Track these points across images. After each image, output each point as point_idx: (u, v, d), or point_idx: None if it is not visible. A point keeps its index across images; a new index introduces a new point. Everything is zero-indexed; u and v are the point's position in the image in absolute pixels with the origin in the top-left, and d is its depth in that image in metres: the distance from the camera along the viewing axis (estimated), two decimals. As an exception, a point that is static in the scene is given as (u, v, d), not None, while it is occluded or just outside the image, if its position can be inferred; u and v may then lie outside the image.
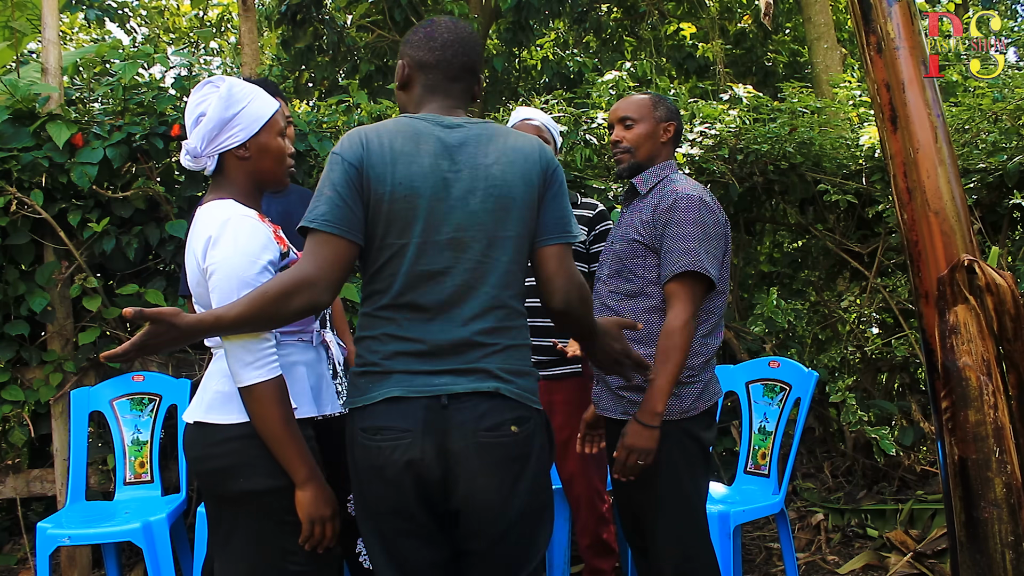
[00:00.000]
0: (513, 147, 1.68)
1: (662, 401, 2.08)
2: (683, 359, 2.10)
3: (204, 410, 1.73)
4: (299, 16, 7.56)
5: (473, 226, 1.62)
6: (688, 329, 2.10)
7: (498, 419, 1.60)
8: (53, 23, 3.25)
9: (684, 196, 2.17)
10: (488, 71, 8.40)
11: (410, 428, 1.57)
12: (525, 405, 1.65)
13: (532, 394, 1.68)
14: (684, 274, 2.12)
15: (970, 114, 3.56)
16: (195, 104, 1.75)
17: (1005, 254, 3.53)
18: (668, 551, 2.19)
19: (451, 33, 1.73)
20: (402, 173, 1.60)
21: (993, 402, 2.19)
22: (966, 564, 2.23)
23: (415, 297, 1.61)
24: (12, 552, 3.52)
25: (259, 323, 1.57)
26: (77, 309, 3.30)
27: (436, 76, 1.73)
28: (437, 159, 1.62)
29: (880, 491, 3.81)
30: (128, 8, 8.57)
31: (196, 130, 1.74)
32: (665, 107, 2.34)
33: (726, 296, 2.27)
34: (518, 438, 1.62)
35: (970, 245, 2.29)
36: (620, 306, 2.25)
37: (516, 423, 1.62)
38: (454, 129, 1.67)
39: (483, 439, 1.59)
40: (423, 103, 1.73)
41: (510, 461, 1.62)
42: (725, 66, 8.25)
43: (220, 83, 1.78)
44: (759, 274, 4.32)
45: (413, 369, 1.60)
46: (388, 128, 1.66)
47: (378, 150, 1.61)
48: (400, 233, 1.60)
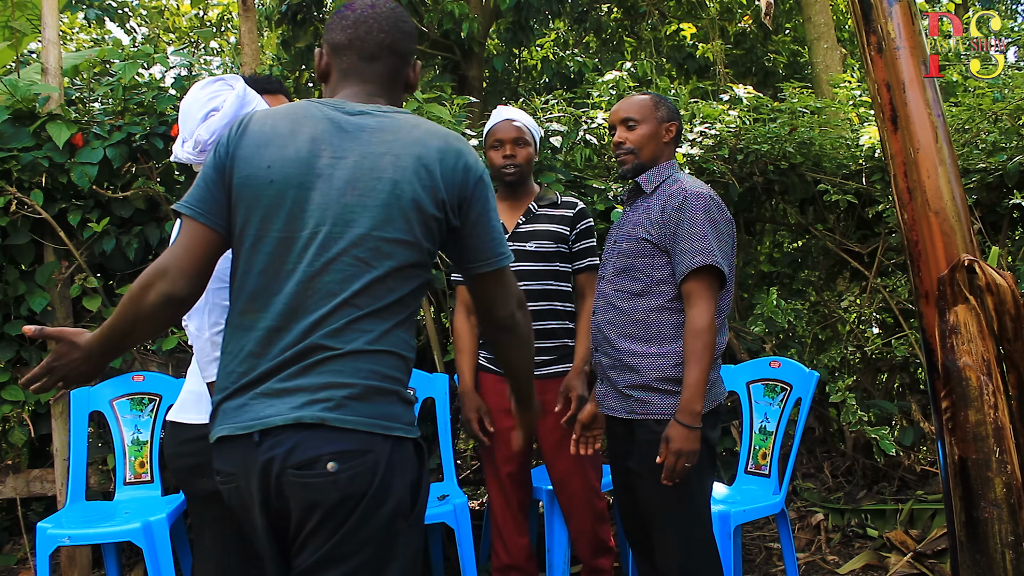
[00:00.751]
0: (417, 141, 1.45)
1: (699, 401, 2.10)
2: (712, 356, 2.12)
3: (177, 409, 1.75)
4: (299, 16, 7.56)
5: (345, 222, 1.40)
6: (713, 326, 2.12)
7: (311, 454, 1.33)
8: (53, 23, 3.25)
9: (694, 194, 2.18)
10: (488, 71, 8.40)
11: (235, 471, 1.40)
12: (363, 434, 1.36)
13: (383, 419, 1.38)
14: (700, 271, 2.13)
15: (970, 114, 3.55)
16: (206, 99, 1.76)
17: (1005, 254, 3.53)
18: (674, 550, 2.19)
19: (366, 9, 1.53)
20: (270, 157, 1.41)
21: (993, 402, 2.19)
22: (966, 564, 2.23)
23: (262, 300, 1.41)
24: (12, 552, 3.52)
25: (129, 326, 1.40)
26: (77, 309, 3.30)
27: (350, 57, 1.52)
28: (317, 145, 1.43)
29: (880, 491, 3.80)
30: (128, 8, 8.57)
31: (207, 123, 1.75)
32: (666, 107, 2.35)
33: (731, 295, 2.29)
34: (338, 479, 1.33)
35: (970, 245, 2.29)
36: (627, 305, 2.25)
37: (336, 459, 1.33)
38: (356, 116, 1.47)
39: (291, 478, 1.33)
40: (337, 91, 1.53)
41: (326, 507, 1.33)
42: (725, 66, 8.25)
43: (235, 82, 1.80)
44: (759, 274, 4.32)
45: (247, 395, 1.39)
46: (279, 111, 1.49)
47: (255, 132, 1.44)
48: (260, 224, 1.41)
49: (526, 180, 2.80)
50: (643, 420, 2.20)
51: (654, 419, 2.18)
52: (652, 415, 2.18)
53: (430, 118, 3.54)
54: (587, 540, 2.80)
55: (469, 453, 4.44)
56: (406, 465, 1.41)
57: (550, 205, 2.79)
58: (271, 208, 1.40)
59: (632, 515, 2.37)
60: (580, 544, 2.82)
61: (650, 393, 2.19)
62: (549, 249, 2.73)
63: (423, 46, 7.72)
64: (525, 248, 2.73)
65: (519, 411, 1.78)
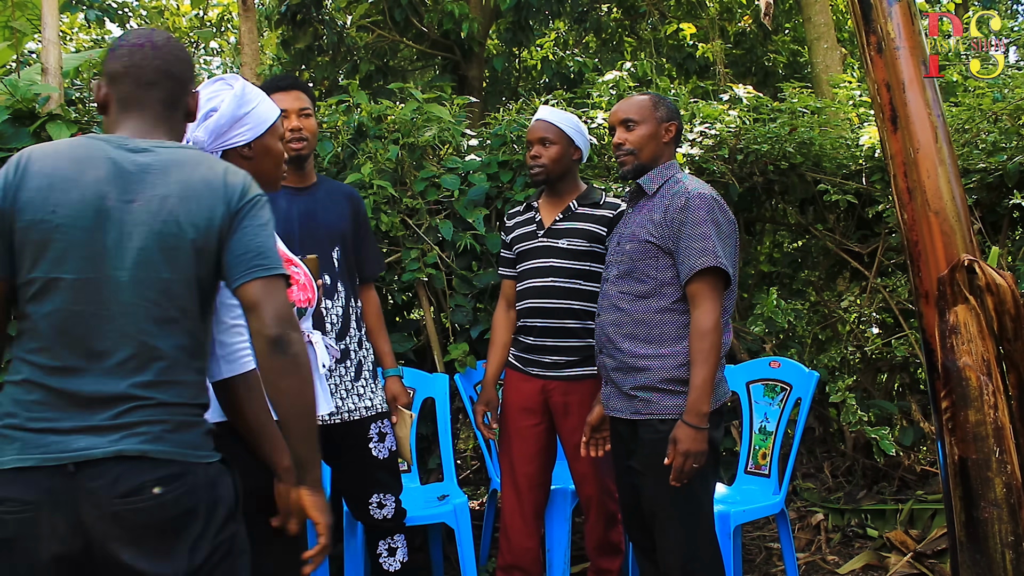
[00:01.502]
0: (200, 179, 1.49)
1: (706, 401, 2.10)
2: (719, 356, 2.12)
3: None
4: (299, 16, 7.56)
5: (135, 265, 1.43)
6: (719, 327, 2.12)
7: (136, 482, 1.39)
8: (53, 23, 3.25)
9: (696, 195, 2.18)
10: (488, 71, 8.40)
11: (33, 500, 1.37)
12: (180, 462, 1.43)
13: (195, 448, 1.46)
14: (705, 272, 2.13)
15: (970, 114, 3.55)
16: (205, 99, 1.74)
17: (1005, 254, 3.53)
18: (676, 550, 2.19)
19: (141, 38, 1.56)
20: (56, 200, 1.42)
21: (993, 402, 2.19)
22: (966, 564, 2.23)
23: (60, 344, 1.42)
24: (12, 552, 3.51)
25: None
26: (77, 309, 3.30)
27: (127, 85, 1.53)
28: (103, 187, 1.44)
29: (880, 491, 3.81)
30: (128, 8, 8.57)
31: (204, 124, 1.73)
32: (666, 107, 2.34)
33: (735, 295, 2.29)
34: (163, 500, 1.40)
35: (970, 245, 2.30)
36: (632, 307, 2.25)
37: (160, 483, 1.40)
38: (140, 154, 1.48)
39: (119, 508, 1.38)
40: (118, 123, 1.54)
41: (158, 526, 1.41)
42: (725, 66, 8.25)
43: (234, 81, 1.79)
44: (759, 274, 4.32)
45: (48, 428, 1.40)
46: (59, 149, 1.49)
47: (36, 173, 1.44)
48: (50, 268, 1.42)
49: (557, 179, 2.76)
50: (647, 420, 2.20)
51: (658, 419, 2.18)
52: (656, 415, 2.19)
53: (430, 118, 3.56)
54: (597, 541, 2.80)
55: (469, 453, 4.45)
56: (230, 477, 1.53)
57: (591, 204, 2.76)
58: (60, 252, 1.42)
59: (635, 514, 2.37)
60: (590, 544, 2.84)
61: (654, 393, 2.19)
62: (581, 248, 2.71)
63: (423, 46, 7.72)
64: (557, 245, 2.73)
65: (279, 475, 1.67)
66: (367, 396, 2.63)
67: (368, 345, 2.71)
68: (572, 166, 2.78)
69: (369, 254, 2.76)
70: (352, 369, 2.61)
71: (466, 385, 3.32)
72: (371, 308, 2.76)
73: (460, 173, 3.47)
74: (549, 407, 2.77)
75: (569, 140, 2.74)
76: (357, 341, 2.65)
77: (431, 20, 7.21)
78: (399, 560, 2.65)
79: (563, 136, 2.73)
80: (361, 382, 2.63)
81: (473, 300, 3.46)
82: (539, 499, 2.84)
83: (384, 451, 2.64)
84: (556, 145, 2.72)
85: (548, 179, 2.76)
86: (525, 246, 2.81)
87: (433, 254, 3.35)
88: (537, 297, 2.74)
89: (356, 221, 2.70)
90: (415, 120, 3.49)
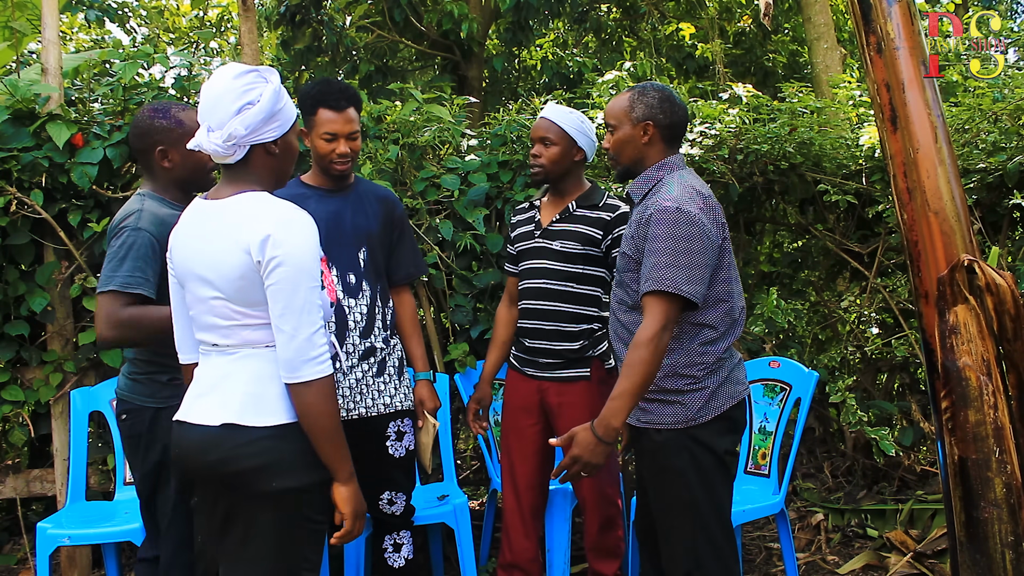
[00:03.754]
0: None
1: (621, 416, 2.00)
2: (647, 372, 1.99)
3: (236, 412, 1.71)
4: (298, 17, 7.56)
5: None
6: (656, 342, 1.99)
7: None
8: (53, 23, 3.25)
9: (660, 209, 2.05)
10: (488, 71, 8.40)
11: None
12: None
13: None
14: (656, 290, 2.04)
15: (970, 114, 3.55)
16: (241, 90, 1.71)
17: (1005, 254, 3.53)
18: (679, 559, 2.16)
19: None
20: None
21: (993, 402, 2.19)
22: (966, 564, 2.23)
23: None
24: (12, 552, 3.52)
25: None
26: (77, 309, 3.30)
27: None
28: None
29: (880, 491, 3.81)
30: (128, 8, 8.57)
31: (240, 117, 1.70)
32: (644, 104, 2.19)
33: (732, 304, 2.16)
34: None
35: (970, 245, 2.29)
36: (626, 318, 2.23)
37: None
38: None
39: None
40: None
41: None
42: (724, 66, 8.25)
43: (269, 75, 1.77)
44: (759, 274, 4.31)
45: None
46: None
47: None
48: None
49: (557, 179, 2.72)
50: (645, 429, 2.19)
51: (654, 428, 2.16)
52: (652, 424, 2.16)
53: (430, 118, 3.56)
54: (594, 544, 2.81)
55: (469, 453, 4.45)
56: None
57: (590, 206, 2.71)
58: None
59: (644, 516, 2.37)
60: (587, 546, 2.85)
61: (648, 403, 2.17)
62: (574, 250, 2.68)
63: (423, 46, 7.72)
64: (550, 247, 2.72)
65: None
66: (387, 393, 2.63)
67: (395, 343, 2.70)
68: (574, 167, 2.73)
69: (403, 257, 2.73)
70: (375, 366, 2.61)
71: (466, 385, 3.32)
72: (404, 311, 2.75)
73: (460, 173, 3.47)
74: (545, 407, 2.77)
75: (571, 141, 2.68)
76: (383, 340, 2.63)
77: (430, 20, 7.21)
78: (404, 557, 2.65)
79: (565, 136, 2.68)
80: (383, 379, 2.63)
81: (473, 300, 3.46)
82: (536, 499, 2.84)
83: (401, 450, 2.64)
84: (557, 145, 2.68)
85: (547, 179, 2.73)
86: (524, 246, 2.80)
87: (433, 254, 3.35)
88: (533, 299, 2.74)
89: (389, 223, 2.68)
90: (415, 120, 3.49)
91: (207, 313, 1.77)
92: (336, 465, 1.73)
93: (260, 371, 1.74)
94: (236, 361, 1.76)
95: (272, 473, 1.69)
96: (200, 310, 1.79)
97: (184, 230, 1.83)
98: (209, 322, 1.78)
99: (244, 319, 1.74)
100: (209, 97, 1.73)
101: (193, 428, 1.76)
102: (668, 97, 2.20)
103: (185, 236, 1.82)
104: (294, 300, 1.67)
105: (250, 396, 1.71)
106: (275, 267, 1.66)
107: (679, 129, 2.24)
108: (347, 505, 1.75)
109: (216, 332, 1.77)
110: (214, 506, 1.78)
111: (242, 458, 1.69)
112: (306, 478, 1.71)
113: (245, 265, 1.68)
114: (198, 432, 1.75)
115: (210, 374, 1.79)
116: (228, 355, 1.77)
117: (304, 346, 1.67)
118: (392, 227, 2.70)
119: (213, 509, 1.79)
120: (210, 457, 1.72)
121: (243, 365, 1.74)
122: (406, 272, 2.74)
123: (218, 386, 1.76)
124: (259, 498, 1.70)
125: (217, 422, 1.72)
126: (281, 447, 1.70)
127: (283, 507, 1.71)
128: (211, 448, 1.72)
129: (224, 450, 1.70)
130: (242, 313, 1.73)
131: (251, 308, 1.72)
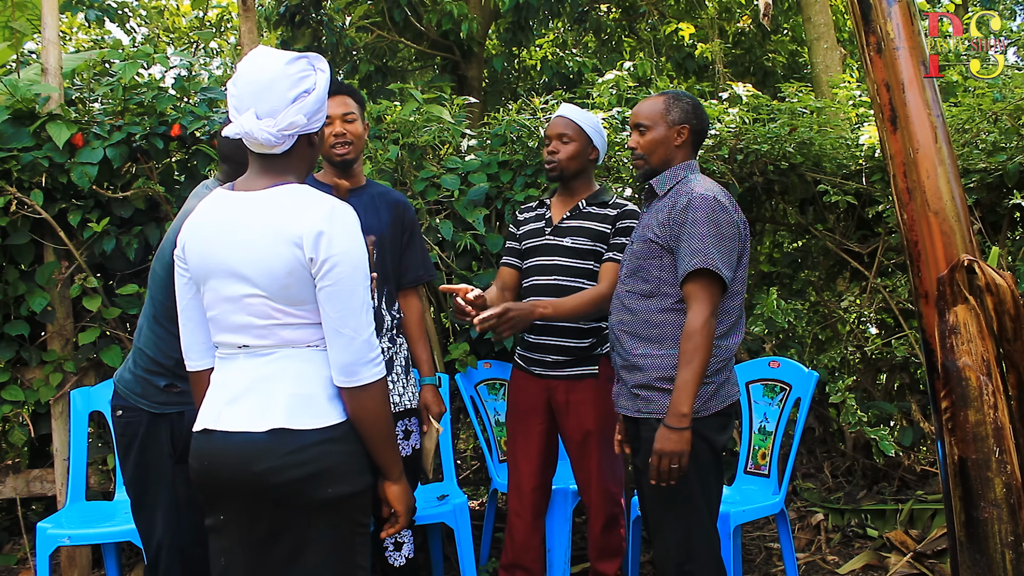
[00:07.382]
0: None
1: (687, 403, 2.08)
2: (706, 359, 2.10)
3: (284, 415, 1.58)
4: (297, 17, 7.56)
5: None
6: (708, 328, 2.11)
7: None
8: (53, 23, 3.25)
9: (698, 196, 2.17)
10: (488, 71, 8.40)
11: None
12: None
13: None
14: (699, 274, 2.13)
15: (970, 114, 3.55)
16: (297, 77, 1.63)
17: (1005, 254, 3.53)
18: (672, 551, 2.19)
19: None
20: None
21: (993, 402, 2.19)
22: (966, 564, 2.23)
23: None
24: (12, 552, 3.52)
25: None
26: (77, 309, 3.30)
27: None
28: None
29: (880, 491, 3.81)
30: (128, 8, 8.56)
31: (297, 105, 1.62)
32: (680, 109, 2.32)
33: (742, 297, 2.28)
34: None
35: (970, 245, 2.30)
36: (637, 306, 2.26)
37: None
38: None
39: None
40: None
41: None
42: (724, 66, 8.25)
43: (317, 62, 1.69)
44: (759, 274, 4.32)
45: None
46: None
47: None
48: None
49: (571, 176, 2.74)
50: (647, 418, 2.21)
51: (656, 417, 2.18)
52: (655, 414, 2.19)
53: (430, 118, 3.56)
54: (596, 542, 2.81)
55: (469, 453, 4.45)
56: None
57: (599, 204, 2.75)
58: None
59: (645, 509, 2.39)
60: (589, 545, 2.84)
61: (653, 392, 2.20)
62: (584, 247, 2.71)
63: (422, 46, 7.72)
64: (562, 243, 2.73)
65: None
66: (394, 392, 2.63)
67: (401, 342, 2.70)
68: (588, 165, 2.77)
69: (413, 260, 2.72)
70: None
71: (466, 385, 3.32)
72: (411, 315, 2.74)
73: (460, 173, 3.47)
74: (551, 406, 2.77)
75: (588, 139, 2.73)
76: (389, 339, 2.63)
77: (430, 20, 7.21)
78: (404, 556, 2.65)
79: (582, 134, 2.72)
80: (390, 378, 2.62)
81: (473, 300, 3.45)
82: (539, 499, 2.84)
83: (407, 448, 2.64)
84: (575, 142, 2.71)
85: (562, 176, 2.75)
86: (533, 242, 2.81)
87: (433, 254, 3.35)
88: (541, 295, 2.73)
89: (399, 227, 2.68)
90: (415, 120, 3.49)
91: (238, 312, 1.64)
92: (390, 466, 1.70)
93: (303, 372, 1.62)
94: (274, 362, 1.63)
95: (328, 479, 1.58)
96: (226, 310, 1.65)
97: (206, 223, 1.68)
98: (240, 322, 1.64)
99: (285, 318, 1.62)
100: (258, 82, 1.60)
101: (229, 436, 1.60)
102: (699, 105, 2.37)
103: (210, 230, 1.66)
104: (352, 302, 1.60)
105: (297, 398, 1.60)
106: (332, 267, 1.57)
107: (704, 136, 2.40)
108: (400, 503, 1.74)
109: (249, 333, 1.64)
110: (253, 523, 1.63)
111: (296, 465, 1.56)
112: (360, 482, 1.64)
113: (295, 261, 1.58)
114: (238, 440, 1.59)
115: (240, 378, 1.65)
116: (262, 356, 1.64)
117: (363, 348, 1.60)
118: (403, 231, 2.70)
119: (251, 526, 1.63)
120: (258, 467, 1.57)
121: (284, 366, 1.63)
122: (415, 275, 2.74)
123: (254, 389, 1.62)
124: (311, 507, 1.59)
125: (263, 428, 1.58)
126: (336, 450, 1.60)
127: (337, 514, 1.61)
128: (259, 457, 1.57)
129: (276, 457, 1.56)
130: (283, 312, 1.61)
131: (294, 307, 1.61)
